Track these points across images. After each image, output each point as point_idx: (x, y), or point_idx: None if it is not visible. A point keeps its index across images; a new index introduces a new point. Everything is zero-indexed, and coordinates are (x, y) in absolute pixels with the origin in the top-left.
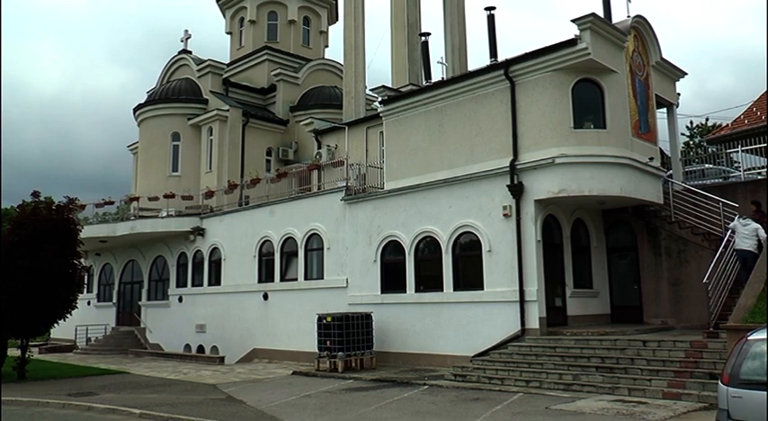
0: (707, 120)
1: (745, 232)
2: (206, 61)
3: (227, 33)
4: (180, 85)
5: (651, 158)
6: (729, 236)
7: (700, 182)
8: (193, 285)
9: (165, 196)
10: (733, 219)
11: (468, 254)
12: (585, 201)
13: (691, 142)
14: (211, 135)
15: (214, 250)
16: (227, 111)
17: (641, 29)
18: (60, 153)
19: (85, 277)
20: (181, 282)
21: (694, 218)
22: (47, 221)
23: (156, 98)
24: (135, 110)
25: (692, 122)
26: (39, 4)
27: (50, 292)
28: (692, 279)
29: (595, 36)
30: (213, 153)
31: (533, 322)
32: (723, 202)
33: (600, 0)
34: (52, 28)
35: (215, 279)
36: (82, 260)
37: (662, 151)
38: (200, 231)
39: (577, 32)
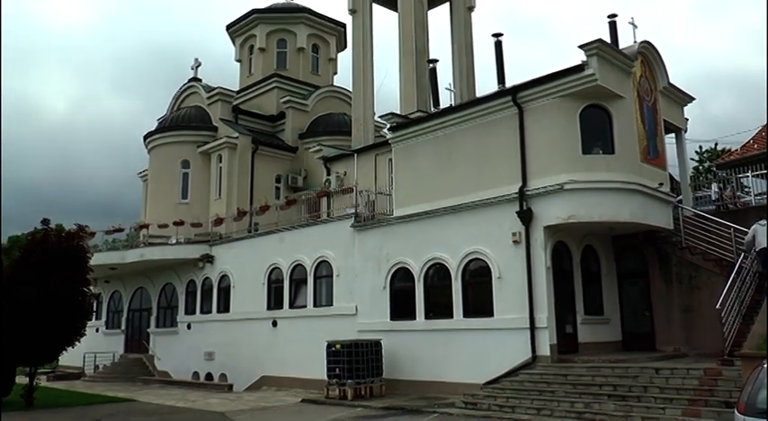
0: (716, 145)
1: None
2: (216, 89)
3: (237, 61)
4: (190, 113)
5: (660, 184)
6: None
7: (710, 207)
8: (202, 312)
9: (175, 223)
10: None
11: (478, 280)
12: (595, 227)
13: (700, 167)
14: (221, 162)
15: (223, 277)
16: (237, 138)
17: (648, 54)
18: (67, 180)
19: (94, 304)
20: (189, 310)
21: (705, 243)
22: (56, 248)
23: (166, 126)
24: (145, 137)
25: (701, 147)
26: (48, 33)
27: (59, 320)
28: (705, 305)
29: (602, 62)
30: (222, 180)
31: (544, 349)
32: (734, 228)
33: (606, 26)
34: (60, 56)
35: (224, 306)
36: (91, 287)
37: (671, 176)
38: (209, 258)
39: (584, 58)
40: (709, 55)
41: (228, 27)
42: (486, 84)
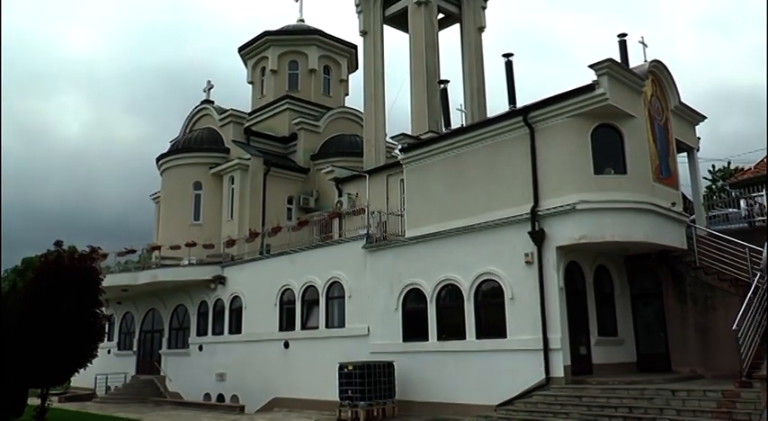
0: (728, 163)
1: None
2: (228, 111)
3: (249, 83)
4: (202, 135)
5: (673, 203)
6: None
7: (724, 226)
8: (214, 334)
9: (187, 245)
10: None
11: (491, 301)
12: (608, 247)
13: (713, 186)
14: (233, 184)
15: (235, 298)
16: (249, 160)
17: (659, 73)
18: (81, 202)
19: (106, 326)
20: (201, 331)
21: (720, 263)
22: (69, 270)
23: (178, 148)
24: (158, 159)
25: (713, 166)
26: (63, 59)
27: (71, 341)
28: (721, 326)
29: (613, 81)
30: (234, 201)
31: (558, 370)
32: (749, 247)
33: (616, 45)
34: (75, 81)
35: (235, 327)
36: (103, 309)
37: (684, 196)
38: (220, 280)
39: (595, 78)
40: (718, 73)
41: (241, 49)
42: (496, 103)
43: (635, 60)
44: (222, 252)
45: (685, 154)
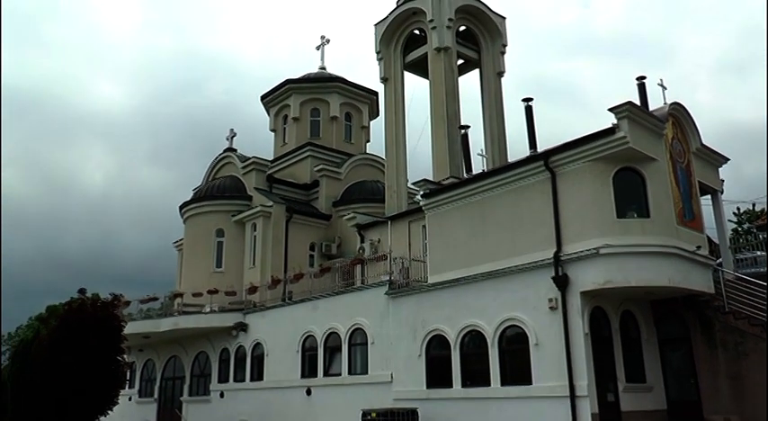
0: (753, 205)
1: None
2: (250, 159)
3: (272, 130)
4: (225, 183)
5: (698, 247)
6: None
7: (752, 270)
8: (235, 380)
9: (209, 292)
10: None
11: (515, 347)
12: (633, 292)
13: (739, 229)
14: (255, 231)
15: (257, 345)
16: (271, 207)
17: (679, 116)
18: (104, 250)
19: (128, 373)
20: (223, 378)
21: (750, 308)
22: (92, 318)
23: (201, 196)
24: (181, 207)
25: (738, 209)
26: (88, 109)
27: (93, 388)
28: (754, 373)
29: (633, 124)
30: (257, 248)
31: (585, 418)
32: None
33: (631, 91)
34: (100, 132)
35: (257, 374)
36: (125, 356)
37: (710, 239)
38: (242, 327)
39: (615, 121)
40: (737, 116)
41: (263, 97)
42: (517, 148)
43: (654, 103)
44: (244, 299)
45: (709, 196)
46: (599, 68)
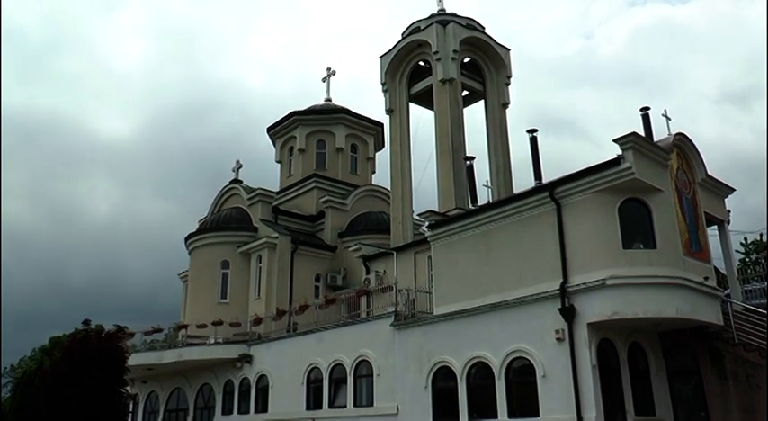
0: (761, 236)
1: None
2: (256, 190)
3: (277, 162)
4: (230, 214)
5: (706, 278)
6: None
7: (762, 301)
8: (239, 413)
9: (213, 323)
10: None
11: (522, 379)
12: (640, 323)
13: (747, 260)
14: (260, 262)
15: (261, 377)
16: (277, 238)
17: (683, 146)
18: (108, 282)
19: (131, 405)
20: (227, 410)
21: (760, 339)
22: (96, 349)
23: (207, 227)
24: (186, 238)
25: (745, 239)
26: (94, 141)
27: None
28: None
29: (638, 155)
30: (262, 280)
31: None
32: None
33: (633, 122)
34: (106, 163)
35: (262, 406)
36: (128, 388)
37: (717, 270)
38: (247, 358)
39: (620, 152)
40: (740, 146)
41: (269, 129)
42: (522, 179)
43: (658, 134)
44: (249, 330)
45: (716, 227)
46: (601, 99)
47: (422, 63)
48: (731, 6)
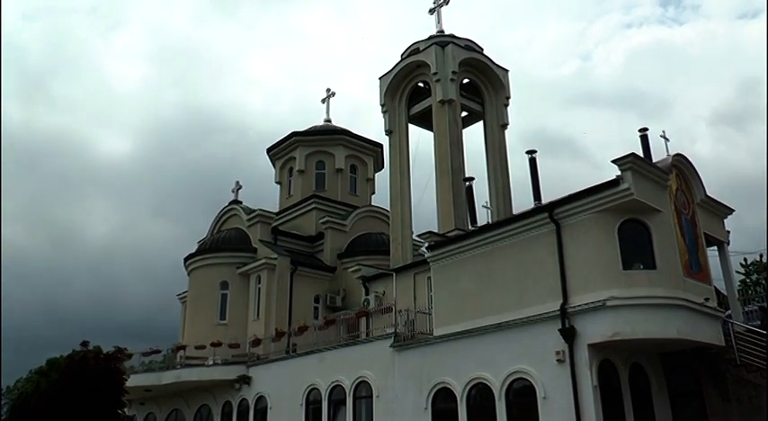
0: (761, 256)
1: None
2: (256, 211)
3: (277, 183)
4: (230, 235)
5: (707, 298)
6: None
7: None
8: None
9: (212, 344)
10: None
11: (523, 401)
12: (641, 344)
13: (747, 280)
14: (260, 283)
15: (260, 398)
16: (276, 259)
17: (682, 167)
18: (106, 303)
19: None
20: None
21: (762, 360)
22: (94, 371)
23: (206, 248)
24: (185, 260)
25: (745, 260)
26: (93, 164)
27: None
28: None
29: (637, 176)
30: (261, 301)
31: None
32: None
33: (636, 140)
34: (104, 185)
35: None
36: (126, 409)
37: (718, 291)
38: (246, 380)
39: (619, 173)
40: (736, 167)
41: (269, 150)
42: (521, 200)
43: (657, 155)
44: (248, 351)
45: (715, 248)
46: (599, 120)
47: (421, 84)
48: (727, 28)
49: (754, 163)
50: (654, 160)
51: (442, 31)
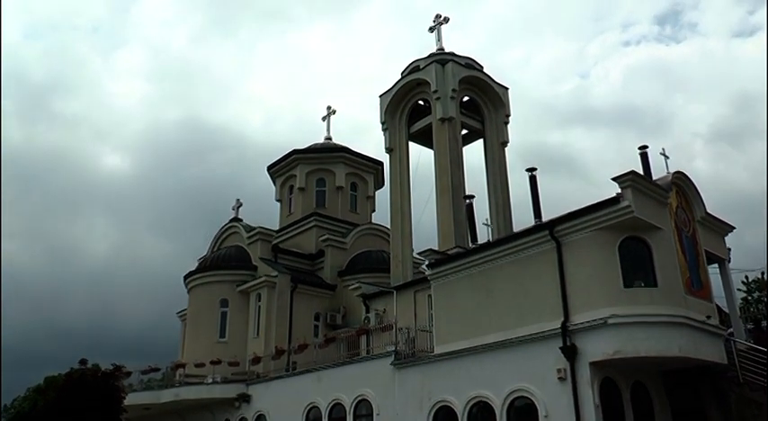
0: (762, 274)
1: None
2: (256, 229)
3: (277, 200)
4: (230, 253)
5: (708, 316)
6: None
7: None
8: None
9: (212, 362)
10: None
11: (524, 419)
12: (643, 362)
13: (749, 298)
14: (260, 301)
15: (259, 417)
16: (276, 277)
17: (682, 184)
18: (105, 320)
19: None
20: None
21: (765, 379)
22: (92, 389)
23: (206, 266)
24: (185, 277)
25: (747, 277)
26: (93, 181)
27: None
28: None
29: (637, 193)
30: (261, 319)
31: None
32: None
33: (634, 157)
34: (104, 203)
35: None
36: None
37: (719, 308)
38: (245, 398)
39: (619, 190)
40: (734, 184)
41: (269, 167)
42: (522, 217)
43: (656, 172)
44: (247, 369)
45: (716, 265)
46: (597, 137)
47: (421, 102)
48: (723, 46)
49: (753, 180)
50: (654, 178)
51: (443, 49)
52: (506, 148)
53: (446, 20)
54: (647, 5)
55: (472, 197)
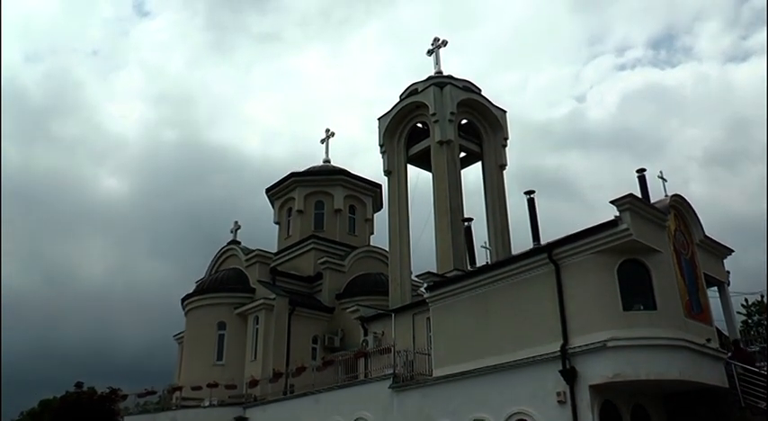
0: (762, 296)
1: None
2: (254, 251)
3: (276, 223)
4: (228, 275)
5: (708, 339)
6: None
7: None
8: None
9: (209, 385)
10: None
11: None
12: (643, 385)
13: (749, 321)
14: (257, 324)
15: None
16: (274, 299)
17: (680, 207)
18: (102, 343)
19: None
20: None
21: (766, 402)
22: (88, 412)
23: (203, 288)
24: (183, 300)
25: (746, 300)
26: (90, 203)
27: None
28: None
29: (635, 216)
30: (259, 341)
31: None
32: None
33: (631, 181)
34: (101, 225)
35: None
36: None
37: (720, 331)
38: None
39: (617, 213)
40: (730, 208)
41: (268, 190)
42: (520, 240)
43: (654, 196)
44: (245, 392)
45: (716, 288)
46: (593, 160)
47: (420, 125)
48: (718, 71)
49: (749, 203)
50: (651, 201)
51: (441, 72)
52: (505, 171)
53: (444, 43)
54: (641, 30)
55: (471, 220)
